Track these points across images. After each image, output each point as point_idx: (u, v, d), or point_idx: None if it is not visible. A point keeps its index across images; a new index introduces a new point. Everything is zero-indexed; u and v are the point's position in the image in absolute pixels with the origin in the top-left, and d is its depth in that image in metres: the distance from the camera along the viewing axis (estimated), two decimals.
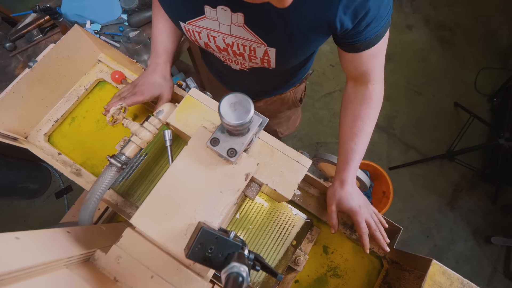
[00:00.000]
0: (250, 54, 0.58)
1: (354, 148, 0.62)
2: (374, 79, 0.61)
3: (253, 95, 0.89)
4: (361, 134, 0.62)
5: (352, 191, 0.63)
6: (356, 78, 0.62)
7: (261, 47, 0.54)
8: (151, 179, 0.74)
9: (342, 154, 0.64)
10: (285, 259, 0.68)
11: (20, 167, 1.58)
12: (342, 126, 0.65)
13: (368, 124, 0.62)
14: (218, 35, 0.55)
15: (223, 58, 0.67)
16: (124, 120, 0.59)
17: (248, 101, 0.39)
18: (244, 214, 0.71)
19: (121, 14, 1.16)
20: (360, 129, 0.61)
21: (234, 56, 0.61)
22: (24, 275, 0.30)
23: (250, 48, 0.56)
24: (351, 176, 0.63)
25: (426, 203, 1.92)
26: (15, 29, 1.11)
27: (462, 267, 1.80)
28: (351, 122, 0.62)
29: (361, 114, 0.62)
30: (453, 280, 0.55)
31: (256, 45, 0.54)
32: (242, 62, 0.65)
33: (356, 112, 0.62)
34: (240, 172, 0.47)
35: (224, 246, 0.36)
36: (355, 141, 0.62)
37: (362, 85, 0.62)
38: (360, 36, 0.50)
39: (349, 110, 0.64)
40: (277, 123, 1.11)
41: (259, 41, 0.53)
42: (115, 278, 0.42)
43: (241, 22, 0.50)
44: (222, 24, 0.52)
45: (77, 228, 0.47)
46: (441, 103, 2.11)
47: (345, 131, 0.63)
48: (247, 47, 0.56)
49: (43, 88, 0.72)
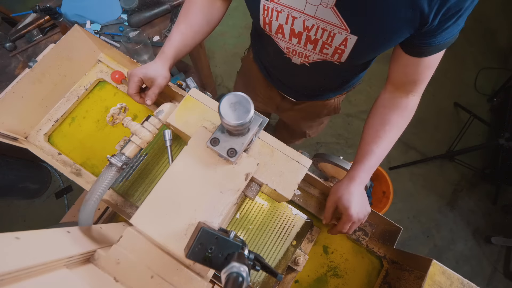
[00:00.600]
0: (325, 41, 0.55)
1: (375, 150, 0.61)
2: (417, 91, 0.61)
3: (301, 95, 0.88)
4: (385, 139, 0.61)
5: (355, 192, 0.62)
6: (400, 85, 0.61)
7: (343, 33, 0.52)
8: (151, 179, 0.74)
9: (361, 154, 0.63)
10: (285, 259, 0.68)
11: (20, 167, 1.58)
12: (368, 127, 0.64)
13: (395, 132, 0.62)
14: (300, 16, 0.53)
15: (287, 49, 0.64)
16: (124, 120, 0.59)
17: (248, 101, 0.39)
18: (244, 214, 0.71)
19: (121, 14, 1.16)
20: (386, 134, 0.61)
21: (305, 44, 0.59)
22: (24, 275, 0.30)
23: (329, 34, 0.53)
24: (362, 176, 0.62)
25: (426, 203, 1.92)
26: (15, 29, 1.11)
27: (462, 267, 1.80)
28: (379, 125, 0.62)
29: (391, 120, 0.61)
30: (453, 280, 0.55)
31: (338, 31, 0.52)
32: (307, 54, 0.62)
33: (386, 116, 0.62)
34: (240, 172, 0.47)
35: (224, 246, 0.36)
36: (378, 144, 0.61)
37: (402, 93, 0.62)
38: (435, 38, 0.50)
39: (379, 114, 0.63)
40: (309, 126, 1.10)
41: (343, 27, 0.51)
42: (115, 278, 0.42)
43: (332, 3, 0.48)
44: (309, 3, 0.50)
45: (77, 228, 0.47)
46: (441, 103, 2.11)
47: (370, 133, 0.63)
48: (326, 32, 0.53)
49: (43, 88, 0.72)
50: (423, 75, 0.58)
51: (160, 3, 1.15)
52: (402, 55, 0.57)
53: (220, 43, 2.20)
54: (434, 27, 0.47)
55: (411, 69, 0.57)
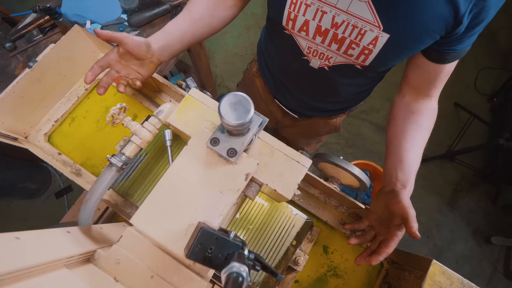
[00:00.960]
0: (353, 40, 0.53)
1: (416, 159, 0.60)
2: (436, 94, 0.62)
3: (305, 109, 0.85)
4: (422, 144, 0.61)
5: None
6: (420, 90, 0.62)
7: (374, 30, 0.50)
8: (151, 179, 0.73)
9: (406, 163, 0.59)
10: (285, 259, 0.68)
11: (20, 167, 1.58)
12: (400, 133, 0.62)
13: (427, 136, 0.62)
14: (331, 10, 0.51)
15: (308, 50, 0.61)
16: (124, 120, 0.59)
17: (248, 101, 0.39)
18: (244, 214, 0.71)
19: (121, 14, 1.16)
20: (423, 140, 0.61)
21: (329, 44, 0.57)
22: (24, 275, 0.30)
23: (359, 31, 0.51)
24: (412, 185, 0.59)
25: (426, 203, 1.92)
26: (15, 29, 1.11)
27: (462, 267, 1.80)
28: (414, 131, 0.61)
29: (424, 124, 0.61)
30: (453, 280, 0.55)
31: (369, 28, 0.50)
32: (329, 56, 0.60)
33: (419, 122, 0.61)
34: (240, 172, 0.47)
35: (224, 246, 0.36)
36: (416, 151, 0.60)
37: (424, 97, 0.62)
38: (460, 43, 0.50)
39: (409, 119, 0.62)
40: (307, 143, 1.09)
41: (376, 23, 0.49)
42: (115, 278, 0.42)
43: None
44: None
45: (77, 228, 0.47)
46: (441, 103, 2.09)
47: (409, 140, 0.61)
48: (356, 30, 0.51)
49: (43, 88, 0.72)
50: (442, 80, 0.59)
51: (160, 3, 1.15)
52: (423, 62, 0.57)
53: (220, 43, 2.20)
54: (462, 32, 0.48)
55: (431, 75, 0.58)
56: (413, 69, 0.60)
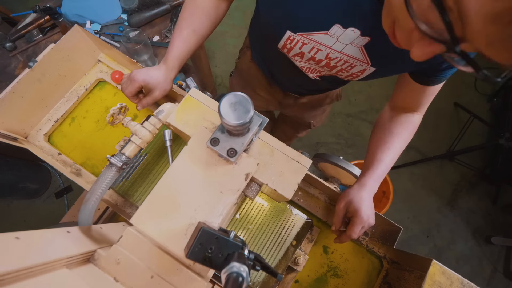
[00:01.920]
0: (344, 68, 0.58)
1: (383, 159, 0.64)
2: (421, 111, 0.65)
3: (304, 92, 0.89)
4: (394, 149, 0.64)
5: (366, 197, 0.62)
6: (405, 107, 0.65)
7: (363, 65, 0.55)
8: (151, 179, 0.73)
9: (369, 163, 0.65)
10: (285, 259, 0.68)
11: (20, 167, 1.58)
12: (375, 139, 0.67)
13: (401, 144, 0.65)
14: (326, 49, 0.54)
15: (301, 67, 0.66)
16: (124, 120, 0.59)
17: (248, 101, 0.39)
18: (244, 214, 0.71)
19: (121, 14, 1.16)
20: (393, 145, 0.64)
21: (322, 67, 0.61)
22: (24, 275, 0.30)
23: (350, 65, 0.56)
24: (371, 183, 0.63)
25: (426, 203, 1.92)
26: (15, 29, 1.11)
27: (462, 267, 1.80)
28: (387, 137, 0.65)
29: (398, 132, 0.65)
30: (453, 280, 0.55)
31: (359, 63, 0.55)
32: (322, 72, 0.65)
33: (393, 129, 0.65)
34: (240, 172, 0.47)
35: (224, 246, 0.36)
36: (386, 153, 0.64)
37: (407, 111, 0.66)
38: (446, 72, 0.53)
39: (387, 128, 0.67)
40: (313, 115, 1.11)
41: (365, 61, 0.54)
42: (115, 278, 0.42)
43: (362, 44, 0.50)
44: (339, 42, 0.52)
45: (77, 228, 0.47)
46: (441, 103, 2.11)
47: (378, 144, 0.66)
48: (347, 63, 0.56)
49: (43, 88, 0.72)
50: (427, 99, 0.62)
51: (160, 3, 1.15)
52: (410, 82, 0.59)
53: (220, 43, 2.20)
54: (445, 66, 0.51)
55: (417, 94, 0.61)
56: (401, 87, 0.64)
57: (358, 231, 0.61)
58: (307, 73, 0.68)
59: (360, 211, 0.60)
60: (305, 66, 0.64)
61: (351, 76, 0.60)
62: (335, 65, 0.58)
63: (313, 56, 0.58)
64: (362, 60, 0.54)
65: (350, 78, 0.62)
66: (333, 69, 0.60)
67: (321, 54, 0.56)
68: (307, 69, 0.66)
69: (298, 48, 0.57)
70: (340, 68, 0.59)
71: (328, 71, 0.62)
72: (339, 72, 0.60)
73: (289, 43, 0.57)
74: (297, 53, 0.59)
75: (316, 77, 0.68)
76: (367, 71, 0.56)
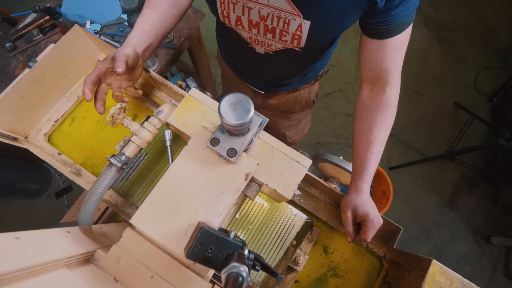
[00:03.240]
0: (282, 29, 0.58)
1: (370, 157, 0.61)
2: (392, 81, 0.61)
3: (269, 86, 0.89)
4: (377, 143, 0.61)
5: (367, 200, 0.62)
6: (374, 79, 0.62)
7: (296, 19, 0.54)
8: (151, 179, 0.73)
9: (358, 163, 0.63)
10: (285, 259, 0.68)
11: (20, 167, 1.58)
12: (357, 134, 0.64)
13: (384, 132, 0.62)
14: (255, 6, 0.55)
15: (250, 40, 0.66)
16: (124, 120, 0.59)
17: (248, 101, 0.39)
18: (244, 214, 0.71)
19: (121, 14, 1.16)
20: (376, 138, 0.61)
21: (264, 34, 0.61)
22: (24, 275, 0.30)
23: (284, 21, 0.56)
24: (366, 185, 0.63)
25: (426, 203, 1.92)
26: (15, 29, 1.11)
27: (462, 267, 1.80)
28: (367, 131, 0.62)
29: (377, 122, 0.61)
30: (453, 280, 0.55)
31: (292, 17, 0.54)
32: (269, 43, 0.64)
33: (372, 120, 0.62)
34: (240, 172, 0.47)
35: (224, 246, 0.36)
36: (371, 150, 0.61)
37: (379, 89, 0.62)
38: (389, 17, 0.51)
39: (364, 118, 0.63)
40: (287, 125, 1.10)
41: (295, 12, 0.53)
42: (115, 278, 0.42)
43: None
44: None
45: (77, 228, 0.47)
46: (441, 103, 2.11)
47: (361, 139, 0.63)
48: (281, 20, 0.56)
49: (43, 88, 0.72)
50: (392, 60, 0.58)
51: None
52: (366, 41, 0.58)
53: None
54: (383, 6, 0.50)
55: (377, 55, 0.58)
56: (361, 52, 0.61)
57: (372, 234, 0.61)
58: (257, 46, 0.67)
59: (369, 215, 0.60)
60: (252, 37, 0.64)
61: (295, 39, 0.58)
62: (272, 26, 0.58)
63: (249, 19, 0.59)
64: (292, 12, 0.53)
65: (297, 43, 0.59)
66: (275, 34, 0.60)
67: (254, 13, 0.57)
68: (256, 41, 0.66)
69: (232, 11, 0.58)
70: (279, 30, 0.58)
71: (272, 38, 0.61)
72: (281, 36, 0.59)
73: (224, 8, 0.59)
74: (236, 20, 0.60)
75: (269, 51, 0.67)
76: (304, 27, 0.55)
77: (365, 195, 0.62)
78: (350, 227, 0.62)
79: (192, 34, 1.22)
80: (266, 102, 0.96)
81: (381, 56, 0.58)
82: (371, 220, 0.59)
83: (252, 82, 0.90)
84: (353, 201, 0.62)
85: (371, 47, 0.58)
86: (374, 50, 0.58)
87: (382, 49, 0.57)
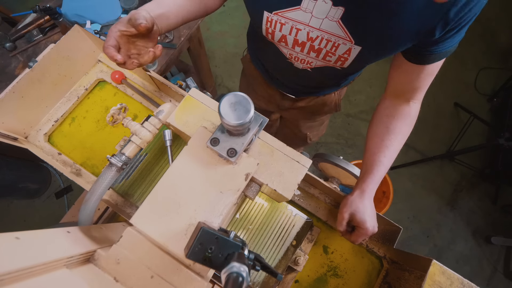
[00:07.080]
0: (329, 50, 0.56)
1: (383, 161, 0.61)
2: (418, 97, 0.62)
3: (300, 93, 0.88)
4: (392, 148, 0.61)
5: (368, 205, 0.62)
6: (401, 93, 0.62)
7: (347, 44, 0.53)
8: (151, 179, 0.73)
9: (369, 165, 0.62)
10: (285, 259, 0.68)
11: (20, 167, 1.58)
12: (372, 137, 0.64)
13: (400, 140, 0.62)
14: (304, 28, 0.53)
15: (289, 56, 0.65)
16: (124, 120, 0.59)
17: (248, 101, 0.39)
18: (244, 214, 0.71)
19: (121, 14, 1.16)
20: (392, 143, 0.61)
21: (308, 53, 0.60)
22: (24, 275, 0.30)
23: (333, 44, 0.54)
24: (372, 188, 0.62)
25: (426, 203, 1.92)
26: (15, 29, 1.11)
27: (462, 267, 1.80)
28: (384, 135, 0.62)
29: (396, 128, 0.61)
30: (453, 280, 0.55)
31: (342, 42, 0.53)
32: (310, 61, 0.63)
33: (391, 125, 0.62)
34: (240, 172, 0.47)
35: (224, 246, 0.36)
36: (385, 154, 0.61)
37: (403, 102, 0.62)
38: (436, 46, 0.50)
39: (383, 123, 0.63)
40: (310, 126, 1.09)
41: (347, 38, 0.51)
42: (115, 278, 0.42)
43: (338, 17, 0.49)
44: (314, 17, 0.50)
45: (77, 228, 0.47)
46: (441, 103, 2.11)
47: (376, 142, 0.63)
48: (330, 43, 0.54)
49: (43, 88, 0.72)
50: (424, 82, 0.59)
51: None
52: (403, 63, 0.57)
53: (220, 43, 2.20)
54: (439, 37, 0.48)
55: (412, 76, 0.58)
56: (394, 70, 0.61)
57: (361, 240, 0.62)
58: (296, 62, 0.66)
59: (365, 223, 0.60)
60: (293, 54, 0.63)
61: (340, 61, 0.58)
62: (319, 47, 0.56)
63: (295, 39, 0.57)
64: (344, 38, 0.52)
65: (340, 64, 0.59)
66: (320, 54, 0.58)
67: (302, 34, 0.55)
68: (296, 58, 0.64)
69: (279, 30, 0.57)
70: (325, 51, 0.57)
71: (315, 57, 0.60)
72: (326, 56, 0.58)
73: (270, 26, 0.57)
74: (281, 38, 0.59)
75: (307, 67, 0.67)
76: (353, 52, 0.54)
77: (368, 200, 0.62)
78: (342, 228, 0.63)
79: (192, 34, 1.22)
80: (295, 104, 0.95)
81: (415, 78, 0.58)
82: (366, 229, 0.60)
83: (283, 88, 0.89)
84: (354, 203, 0.62)
85: (408, 69, 0.57)
86: (410, 72, 0.57)
87: (419, 72, 0.57)
